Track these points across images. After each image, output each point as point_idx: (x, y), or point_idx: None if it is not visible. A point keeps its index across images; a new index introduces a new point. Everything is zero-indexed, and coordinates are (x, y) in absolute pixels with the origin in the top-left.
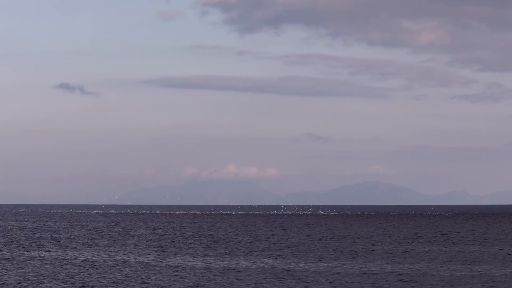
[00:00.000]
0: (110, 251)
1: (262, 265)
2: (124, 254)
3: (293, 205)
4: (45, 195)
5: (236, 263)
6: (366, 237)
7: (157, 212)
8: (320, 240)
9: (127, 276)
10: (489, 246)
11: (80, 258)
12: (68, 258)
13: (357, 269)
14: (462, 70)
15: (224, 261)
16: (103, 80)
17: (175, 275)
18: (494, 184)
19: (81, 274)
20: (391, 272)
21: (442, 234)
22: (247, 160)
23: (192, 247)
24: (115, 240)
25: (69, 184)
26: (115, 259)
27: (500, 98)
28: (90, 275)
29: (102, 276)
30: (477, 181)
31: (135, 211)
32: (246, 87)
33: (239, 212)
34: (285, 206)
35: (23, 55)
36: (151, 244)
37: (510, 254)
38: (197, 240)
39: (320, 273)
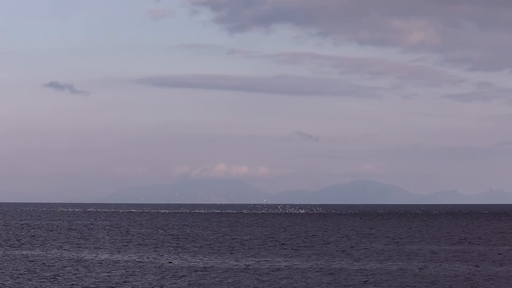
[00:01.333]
0: (97, 250)
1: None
2: (108, 254)
3: (288, 204)
4: (35, 193)
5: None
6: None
7: (152, 211)
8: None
9: (109, 276)
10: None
11: (65, 257)
12: (55, 257)
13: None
14: (453, 69)
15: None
16: (93, 79)
17: (161, 274)
18: (485, 184)
19: (66, 272)
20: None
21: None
22: (238, 159)
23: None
24: (102, 239)
25: (60, 183)
26: (99, 259)
27: (491, 97)
28: (75, 274)
29: (88, 276)
30: (468, 180)
31: (126, 210)
32: (236, 86)
33: (243, 211)
34: (281, 205)
35: (12, 54)
36: (141, 243)
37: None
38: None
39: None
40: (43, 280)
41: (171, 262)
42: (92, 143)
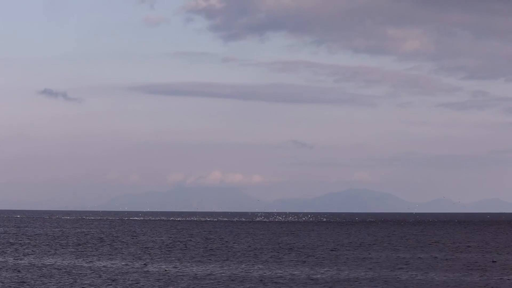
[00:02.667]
0: (87, 257)
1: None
2: (100, 261)
3: (283, 212)
4: (28, 200)
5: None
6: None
7: (148, 218)
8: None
9: (106, 283)
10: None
11: (60, 264)
12: (48, 264)
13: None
14: (447, 78)
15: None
16: (87, 86)
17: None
18: (479, 192)
19: (57, 280)
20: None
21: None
22: (232, 167)
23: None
24: (94, 246)
25: (54, 190)
26: (93, 266)
27: (485, 106)
28: (60, 282)
29: (77, 283)
30: (462, 189)
31: (119, 218)
32: (231, 93)
33: (242, 219)
34: (277, 213)
35: (6, 61)
36: (136, 251)
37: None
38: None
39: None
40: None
41: (167, 271)
42: (85, 150)
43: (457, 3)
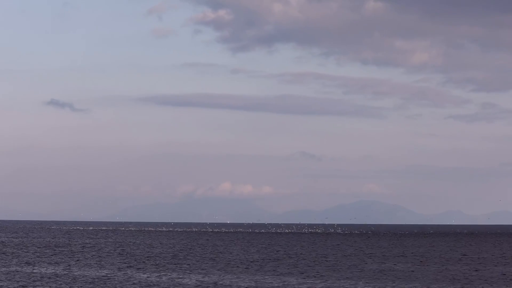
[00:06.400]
0: (100, 267)
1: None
2: (111, 271)
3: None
4: (37, 211)
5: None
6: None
7: (159, 229)
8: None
9: None
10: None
11: (71, 274)
12: (58, 274)
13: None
14: (456, 90)
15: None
16: (94, 98)
17: None
18: (489, 204)
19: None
20: None
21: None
22: (242, 178)
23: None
24: (104, 257)
25: (62, 201)
26: (100, 276)
27: (495, 118)
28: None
29: None
30: (472, 201)
31: (130, 228)
32: (240, 105)
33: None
34: (287, 224)
35: (13, 72)
36: (146, 260)
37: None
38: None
39: None
40: None
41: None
42: (94, 162)
43: (464, 16)
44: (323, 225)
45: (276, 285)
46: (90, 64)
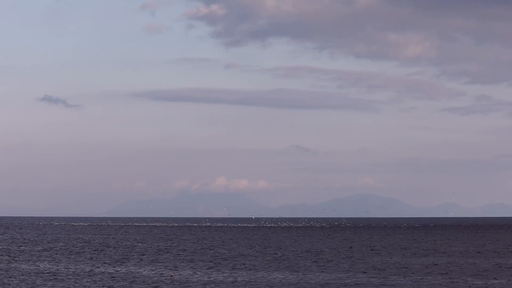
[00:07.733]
0: (95, 263)
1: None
2: (105, 267)
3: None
4: (32, 207)
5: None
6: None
7: (157, 224)
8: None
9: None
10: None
11: (67, 270)
12: (53, 271)
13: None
14: (450, 83)
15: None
16: (87, 93)
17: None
18: (485, 197)
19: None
20: None
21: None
22: (237, 173)
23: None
24: (98, 253)
25: (57, 197)
26: (99, 271)
27: (489, 110)
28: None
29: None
30: (468, 193)
31: (126, 224)
32: (234, 100)
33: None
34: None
35: (6, 68)
36: (147, 257)
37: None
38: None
39: None
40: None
41: (172, 276)
42: (88, 157)
43: (457, 8)
44: (328, 219)
45: (293, 280)
46: (83, 60)
